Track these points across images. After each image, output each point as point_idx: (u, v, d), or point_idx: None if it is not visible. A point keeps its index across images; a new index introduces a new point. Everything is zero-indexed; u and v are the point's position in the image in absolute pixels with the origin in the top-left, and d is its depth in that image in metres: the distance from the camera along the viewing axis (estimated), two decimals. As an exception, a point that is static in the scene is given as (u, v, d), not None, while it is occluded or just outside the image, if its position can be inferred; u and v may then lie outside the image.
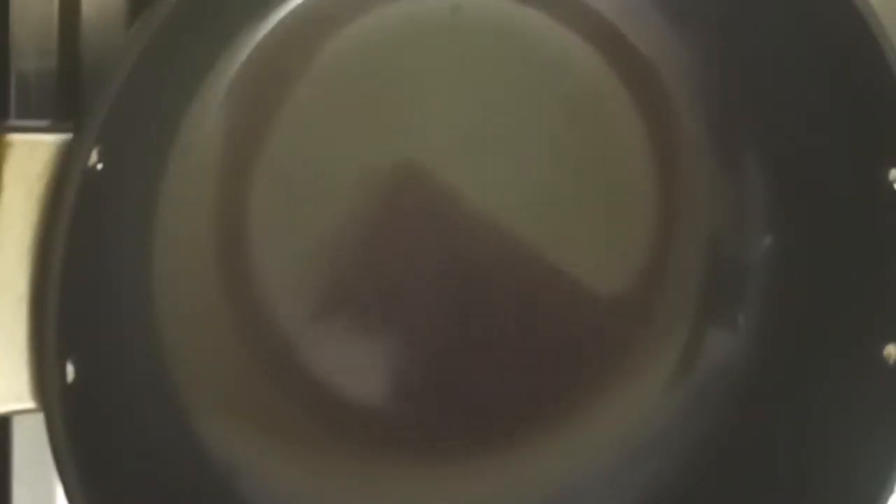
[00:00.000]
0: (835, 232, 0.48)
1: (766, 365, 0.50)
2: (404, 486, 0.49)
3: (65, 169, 0.38)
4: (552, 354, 0.50)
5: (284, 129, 0.46)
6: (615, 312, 0.51)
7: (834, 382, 0.47)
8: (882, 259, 0.46)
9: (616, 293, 0.51)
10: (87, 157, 0.37)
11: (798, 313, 0.49)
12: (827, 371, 0.48)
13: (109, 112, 0.37)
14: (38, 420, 0.38)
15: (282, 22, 0.46)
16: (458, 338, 0.49)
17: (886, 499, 0.45)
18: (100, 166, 0.38)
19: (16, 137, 0.39)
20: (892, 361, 0.45)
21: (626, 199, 0.51)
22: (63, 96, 0.47)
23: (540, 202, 0.50)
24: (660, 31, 0.50)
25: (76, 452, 0.38)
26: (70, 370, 0.38)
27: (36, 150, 0.39)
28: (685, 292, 0.51)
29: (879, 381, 0.45)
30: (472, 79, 0.49)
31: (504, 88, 0.49)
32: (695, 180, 0.51)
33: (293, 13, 0.46)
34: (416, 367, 0.49)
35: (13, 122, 0.45)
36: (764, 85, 0.49)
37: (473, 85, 0.49)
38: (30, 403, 0.39)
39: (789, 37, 0.47)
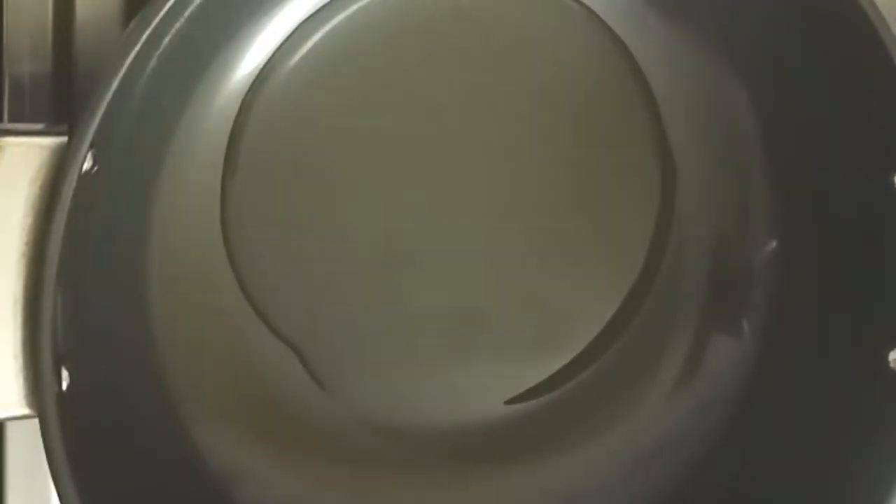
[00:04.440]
0: (840, 236, 0.48)
1: (771, 370, 0.50)
2: (403, 497, 0.49)
3: (59, 172, 0.37)
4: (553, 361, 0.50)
5: (282, 129, 0.46)
6: (617, 317, 0.50)
7: (839, 388, 0.47)
8: (887, 263, 0.46)
9: (618, 298, 0.50)
10: (82, 160, 0.37)
11: (803, 319, 0.49)
12: (832, 376, 0.48)
13: (104, 115, 0.37)
14: (33, 426, 0.38)
15: (278, 22, 0.46)
16: (457, 346, 0.49)
17: (891, 506, 0.45)
18: (95, 169, 0.38)
19: (9, 140, 0.38)
20: (896, 366, 0.45)
21: (628, 202, 0.50)
22: (57, 99, 0.46)
23: (539, 205, 0.49)
24: (661, 35, 0.49)
25: (71, 459, 0.38)
26: (65, 376, 0.38)
27: (30, 153, 0.38)
28: (689, 297, 0.51)
29: (884, 386, 0.45)
30: (472, 78, 0.48)
31: (506, 88, 0.49)
32: (698, 184, 0.50)
33: (290, 14, 0.46)
34: (417, 375, 0.49)
35: (7, 125, 0.45)
36: (769, 89, 0.49)
37: (473, 84, 0.49)
38: (24, 410, 0.39)
39: (795, 42, 0.47)
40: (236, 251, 0.46)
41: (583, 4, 0.49)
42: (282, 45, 0.46)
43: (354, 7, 0.47)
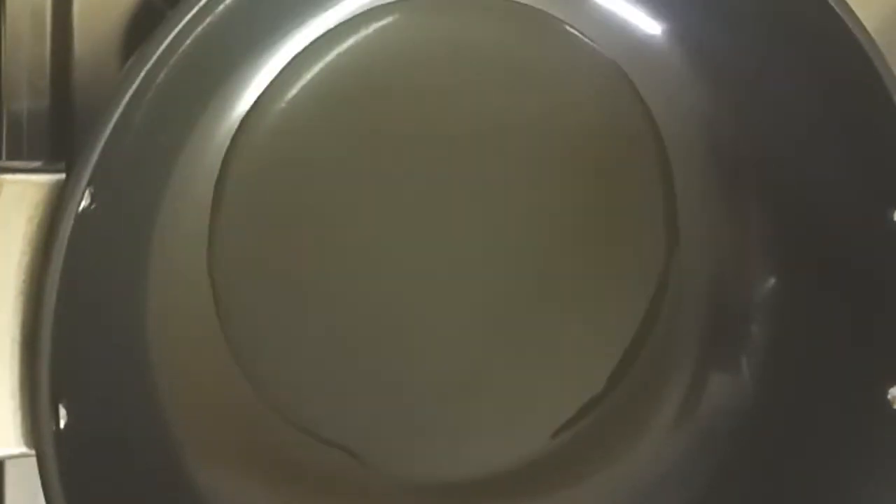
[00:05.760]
0: (839, 273, 0.48)
1: (770, 407, 0.50)
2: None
3: (57, 210, 0.37)
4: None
5: (279, 170, 0.46)
6: (622, 360, 0.50)
7: (839, 425, 0.47)
8: (887, 300, 0.46)
9: (625, 341, 0.50)
10: (80, 198, 0.37)
11: (802, 355, 0.49)
12: (832, 413, 0.47)
13: (102, 153, 0.37)
14: (31, 464, 0.38)
15: (278, 59, 0.46)
16: (455, 381, 0.49)
17: (890, 540, 0.45)
18: (93, 207, 0.38)
19: (7, 178, 0.38)
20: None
21: (628, 242, 0.50)
22: (55, 136, 0.46)
23: (539, 243, 0.49)
24: (667, 77, 0.49)
25: (68, 498, 0.37)
26: (62, 414, 0.38)
27: (27, 191, 0.38)
28: (689, 335, 0.51)
29: (884, 422, 0.45)
30: (471, 117, 0.48)
31: (511, 127, 0.49)
32: (698, 223, 0.50)
33: (289, 50, 0.46)
34: (411, 409, 0.49)
35: (4, 162, 0.45)
36: (769, 128, 0.49)
37: (471, 123, 0.48)
38: (22, 448, 0.38)
39: (796, 83, 0.47)
40: (222, 298, 0.46)
41: (586, 38, 0.49)
42: (274, 81, 0.46)
43: (350, 42, 0.47)
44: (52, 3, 0.47)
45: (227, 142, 0.45)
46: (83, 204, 0.37)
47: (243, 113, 0.46)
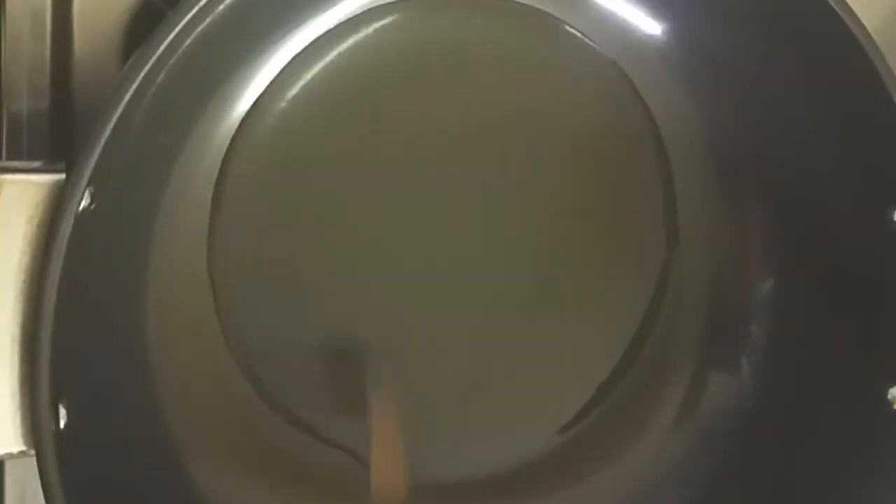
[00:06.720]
0: (839, 273, 0.48)
1: (770, 407, 0.50)
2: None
3: (57, 210, 0.37)
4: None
5: (279, 170, 0.46)
6: (623, 359, 0.50)
7: (838, 425, 0.47)
8: (887, 300, 0.46)
9: (625, 341, 0.50)
10: (80, 198, 0.37)
11: (802, 355, 0.49)
12: (831, 414, 0.47)
13: (102, 153, 0.37)
14: (31, 464, 0.38)
15: (278, 59, 0.46)
16: (456, 382, 0.49)
17: (892, 541, 0.45)
18: (93, 207, 0.38)
19: (7, 178, 0.38)
20: None
21: (628, 244, 0.50)
22: (55, 136, 0.46)
23: (539, 243, 0.49)
24: (667, 77, 0.49)
25: (69, 497, 0.37)
26: (62, 414, 0.38)
27: (27, 190, 0.38)
28: (688, 334, 0.51)
29: (884, 422, 0.45)
30: (476, 118, 0.48)
31: (511, 127, 0.49)
32: (698, 223, 0.50)
33: (289, 50, 0.46)
34: (412, 412, 0.49)
35: (4, 162, 0.45)
36: (771, 130, 0.49)
37: (478, 116, 0.48)
38: (22, 447, 0.38)
39: (795, 83, 0.47)
40: (222, 298, 0.46)
41: (586, 38, 0.49)
42: (274, 81, 0.46)
43: (350, 42, 0.47)
44: (52, 3, 0.47)
45: (227, 142, 0.46)
46: (83, 204, 0.37)
47: (243, 113, 0.46)
